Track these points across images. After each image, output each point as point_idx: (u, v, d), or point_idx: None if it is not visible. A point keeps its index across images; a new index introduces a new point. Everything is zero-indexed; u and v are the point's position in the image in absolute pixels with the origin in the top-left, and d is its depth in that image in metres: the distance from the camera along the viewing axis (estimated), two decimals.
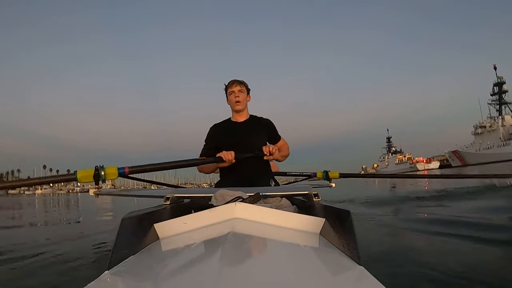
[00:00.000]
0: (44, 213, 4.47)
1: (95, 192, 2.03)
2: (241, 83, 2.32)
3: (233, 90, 2.28)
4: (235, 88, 2.28)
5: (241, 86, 2.31)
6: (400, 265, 1.20)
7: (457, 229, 1.79)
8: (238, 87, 2.29)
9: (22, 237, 2.55)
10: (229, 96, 2.31)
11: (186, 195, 1.37)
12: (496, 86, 58.35)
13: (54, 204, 7.78)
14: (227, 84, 2.36)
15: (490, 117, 59.47)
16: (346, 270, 0.60)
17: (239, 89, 2.28)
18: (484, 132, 58.10)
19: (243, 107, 2.31)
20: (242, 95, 2.28)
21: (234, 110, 2.33)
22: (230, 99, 2.32)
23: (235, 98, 2.26)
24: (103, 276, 0.59)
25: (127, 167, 1.67)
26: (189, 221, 0.86)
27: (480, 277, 1.02)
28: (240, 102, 2.27)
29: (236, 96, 2.26)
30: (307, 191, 1.30)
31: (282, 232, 0.84)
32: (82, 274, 1.17)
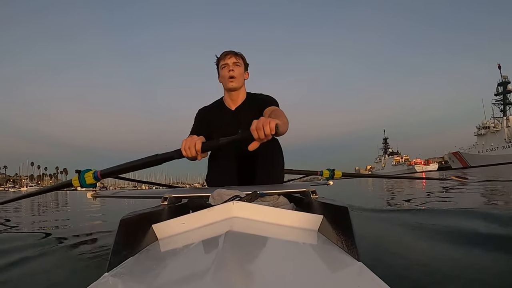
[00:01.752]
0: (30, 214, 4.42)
1: (92, 195, 2.04)
2: (237, 54, 1.91)
3: (226, 63, 1.87)
4: (229, 60, 1.87)
5: (237, 58, 1.89)
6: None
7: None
8: (233, 59, 1.88)
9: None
10: (221, 71, 1.90)
11: (184, 195, 1.38)
12: (500, 85, 58.45)
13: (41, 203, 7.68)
14: (219, 56, 1.93)
15: (494, 117, 59.48)
16: (345, 266, 0.61)
17: (235, 62, 1.87)
18: (487, 133, 58.05)
19: (239, 84, 1.88)
20: (238, 69, 1.87)
21: (227, 88, 1.91)
22: (222, 74, 1.90)
23: (229, 72, 1.85)
24: (102, 278, 0.60)
25: (99, 171, 1.64)
26: (187, 221, 0.88)
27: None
28: (234, 78, 1.85)
29: (230, 70, 1.85)
30: (304, 189, 1.32)
31: (280, 230, 0.85)
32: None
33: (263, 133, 1.19)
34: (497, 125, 57.48)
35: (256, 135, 1.20)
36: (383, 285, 0.48)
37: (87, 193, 2.02)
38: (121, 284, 0.60)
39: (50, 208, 5.46)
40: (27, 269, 1.27)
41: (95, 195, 2.06)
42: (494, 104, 59.39)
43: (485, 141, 58.13)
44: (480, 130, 59.99)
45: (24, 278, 1.14)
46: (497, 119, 58.73)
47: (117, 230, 0.76)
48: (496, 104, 59.19)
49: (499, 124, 57.46)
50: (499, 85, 58.63)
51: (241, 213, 0.88)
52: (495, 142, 55.90)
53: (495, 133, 56.58)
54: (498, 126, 56.97)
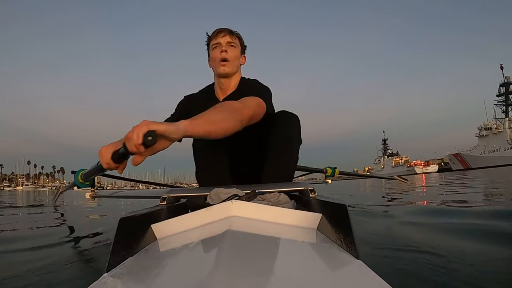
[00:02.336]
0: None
1: (91, 195, 2.04)
2: (233, 33, 1.60)
3: (218, 42, 1.55)
4: (223, 39, 1.55)
5: (232, 37, 1.58)
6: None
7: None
8: (228, 38, 1.56)
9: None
10: (212, 52, 1.57)
11: (182, 194, 1.37)
12: (502, 86, 58.49)
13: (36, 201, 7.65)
14: (211, 33, 1.60)
15: (496, 118, 59.47)
16: (344, 264, 0.62)
17: (229, 41, 1.56)
18: (489, 134, 58.18)
19: (232, 69, 1.57)
20: (232, 50, 1.56)
21: (218, 73, 1.58)
22: (212, 56, 1.58)
23: (221, 54, 1.54)
24: (102, 279, 0.60)
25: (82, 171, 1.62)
26: (186, 220, 0.88)
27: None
28: (228, 62, 1.54)
29: (222, 50, 1.54)
30: (303, 187, 1.32)
31: (279, 229, 0.86)
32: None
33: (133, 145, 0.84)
34: (499, 126, 57.49)
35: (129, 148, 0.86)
36: (383, 283, 0.49)
37: (86, 193, 2.02)
38: (121, 284, 0.60)
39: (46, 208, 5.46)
40: (25, 270, 1.27)
41: (93, 195, 2.06)
42: (496, 105, 59.41)
43: (487, 143, 58.12)
44: (482, 131, 60.00)
45: (21, 279, 1.14)
46: (499, 120, 58.71)
47: (116, 230, 0.76)
48: (498, 105, 59.20)
49: (501, 125, 57.45)
50: (501, 86, 58.60)
51: (240, 212, 0.88)
52: (497, 144, 55.90)
53: (497, 134, 56.62)
54: (500, 127, 57.02)
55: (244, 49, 1.66)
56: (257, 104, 1.34)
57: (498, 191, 4.53)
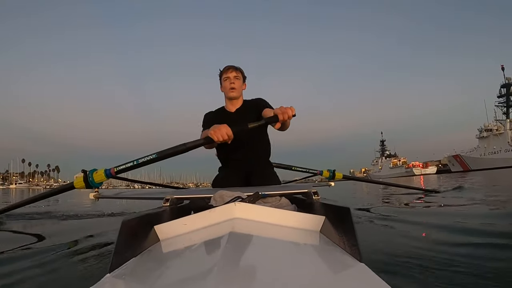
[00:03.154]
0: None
1: (94, 196, 2.05)
2: (237, 69, 2.30)
3: (228, 76, 2.26)
4: (231, 74, 2.26)
5: (237, 72, 2.28)
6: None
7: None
8: (234, 73, 2.27)
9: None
10: (224, 83, 2.29)
11: (186, 196, 1.39)
12: (503, 87, 57.74)
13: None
14: (222, 69, 2.32)
15: (497, 119, 59.20)
16: (347, 267, 0.63)
17: (235, 75, 2.26)
18: (490, 135, 57.56)
19: (238, 94, 2.28)
20: (237, 82, 2.26)
21: (228, 97, 2.30)
22: (224, 86, 2.29)
23: (230, 84, 2.24)
24: (104, 279, 0.62)
25: (112, 168, 1.68)
26: (189, 222, 0.90)
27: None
28: (235, 89, 2.24)
29: (231, 82, 2.24)
30: (306, 190, 1.34)
31: (282, 231, 0.87)
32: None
33: (287, 115, 1.63)
34: (500, 128, 56.96)
35: (282, 117, 1.63)
36: (386, 286, 0.50)
37: (89, 193, 2.03)
38: (123, 285, 0.62)
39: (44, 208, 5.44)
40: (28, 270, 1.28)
41: (97, 195, 2.07)
42: (497, 106, 59.08)
43: (487, 144, 57.65)
44: (482, 132, 59.48)
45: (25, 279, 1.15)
46: (500, 121, 58.50)
47: (119, 231, 0.78)
48: (499, 106, 58.75)
49: (502, 126, 57.01)
50: (502, 87, 58.09)
51: (243, 214, 0.90)
52: (497, 145, 55.51)
53: (498, 136, 56.14)
54: (501, 129, 56.41)
55: (244, 79, 2.36)
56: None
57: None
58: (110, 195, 2.20)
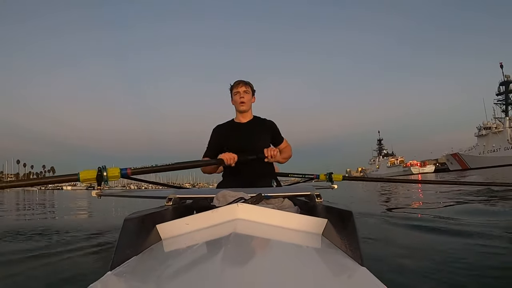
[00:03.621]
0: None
1: (97, 193, 2.06)
2: (247, 84, 2.44)
3: (238, 91, 2.39)
4: (241, 89, 2.39)
5: (246, 87, 2.42)
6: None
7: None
8: (244, 87, 2.40)
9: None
10: (234, 96, 2.42)
11: (188, 196, 1.39)
12: (502, 85, 57.37)
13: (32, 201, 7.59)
14: (233, 84, 2.47)
15: (495, 117, 58.74)
16: (348, 271, 0.64)
17: (245, 90, 2.40)
18: (489, 133, 57.23)
19: (248, 108, 2.42)
20: (247, 96, 2.40)
21: (239, 110, 2.44)
22: (235, 100, 2.43)
23: (240, 98, 2.38)
24: (105, 277, 0.62)
25: (129, 168, 1.73)
26: (191, 221, 0.90)
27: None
28: (245, 103, 2.38)
29: (241, 96, 2.38)
30: (309, 192, 1.35)
31: (284, 233, 0.88)
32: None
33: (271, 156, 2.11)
34: (499, 126, 56.68)
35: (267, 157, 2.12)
36: None
37: (92, 191, 2.04)
38: (124, 283, 0.63)
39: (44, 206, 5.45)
40: (31, 266, 1.29)
41: (100, 193, 2.08)
42: (496, 104, 58.64)
43: (486, 142, 57.34)
44: (481, 130, 59.14)
45: (28, 275, 1.17)
46: (499, 119, 58.25)
47: (121, 229, 0.78)
48: (498, 104, 58.23)
49: (501, 124, 56.70)
50: (501, 85, 57.75)
51: (245, 215, 0.90)
52: (497, 143, 55.22)
53: (497, 134, 55.85)
54: (500, 127, 56.18)
55: (253, 93, 2.48)
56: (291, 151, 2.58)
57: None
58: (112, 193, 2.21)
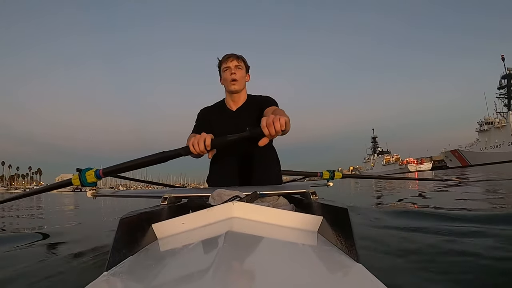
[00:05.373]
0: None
1: (92, 194, 2.09)
2: (239, 57, 2.04)
3: (228, 66, 1.99)
4: (231, 64, 1.99)
5: (238, 61, 2.02)
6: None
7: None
8: (235, 62, 2.00)
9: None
10: (223, 73, 2.02)
11: (184, 195, 1.41)
12: (504, 78, 56.93)
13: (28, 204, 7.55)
14: (221, 58, 2.05)
15: (497, 112, 58.10)
16: (344, 268, 0.65)
17: (236, 65, 2.00)
18: (491, 128, 56.79)
19: (240, 87, 2.01)
20: (239, 72, 2.00)
21: (229, 90, 2.03)
22: (224, 77, 2.02)
23: (231, 75, 1.98)
24: (101, 277, 0.63)
25: (101, 169, 1.68)
26: (187, 221, 0.92)
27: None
28: (236, 81, 1.98)
29: (232, 73, 1.98)
30: (304, 190, 1.36)
31: (279, 231, 0.89)
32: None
33: (273, 129, 1.26)
34: (501, 121, 56.25)
35: (267, 132, 1.27)
36: (382, 287, 0.51)
37: (87, 192, 2.06)
38: (120, 283, 0.63)
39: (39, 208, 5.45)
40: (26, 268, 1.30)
41: (95, 194, 2.11)
42: (498, 97, 57.84)
43: (488, 138, 56.95)
44: (483, 126, 58.65)
45: (22, 277, 1.17)
46: (501, 113, 57.83)
47: (117, 229, 0.79)
48: (500, 97, 57.56)
49: (503, 119, 56.35)
50: (502, 78, 57.30)
51: (240, 214, 0.92)
52: (500, 139, 54.70)
53: (500, 129, 55.36)
54: (503, 121, 55.76)
55: (248, 69, 2.08)
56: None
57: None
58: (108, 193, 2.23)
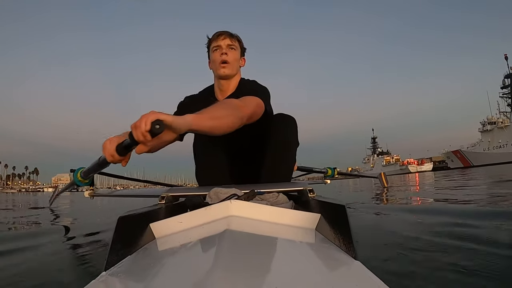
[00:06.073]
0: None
1: (90, 194, 2.11)
2: (233, 36, 1.68)
3: (219, 45, 1.64)
4: (223, 42, 1.63)
5: (232, 40, 1.66)
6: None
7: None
8: (228, 40, 1.65)
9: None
10: (212, 54, 1.66)
11: (181, 194, 1.42)
12: (507, 78, 56.54)
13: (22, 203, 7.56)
14: (211, 36, 1.68)
15: (500, 112, 57.72)
16: (342, 265, 0.65)
17: (229, 44, 1.64)
18: (494, 129, 56.39)
19: (232, 71, 1.65)
20: (232, 53, 1.64)
21: (217, 75, 1.66)
22: (213, 58, 1.66)
23: (221, 56, 1.62)
24: (100, 277, 0.63)
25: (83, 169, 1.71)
26: (185, 220, 0.92)
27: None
28: (228, 64, 1.62)
29: (222, 53, 1.62)
30: (302, 187, 1.36)
31: (277, 229, 0.90)
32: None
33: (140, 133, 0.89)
34: (505, 121, 55.89)
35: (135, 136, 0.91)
36: (381, 284, 0.52)
37: (85, 192, 2.09)
38: (119, 283, 0.64)
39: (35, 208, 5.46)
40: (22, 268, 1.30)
41: (92, 194, 2.13)
42: (501, 97, 57.43)
43: (491, 138, 56.48)
44: (486, 126, 58.19)
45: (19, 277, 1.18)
46: (505, 113, 57.49)
47: (115, 229, 0.80)
48: (504, 97, 57.12)
49: (507, 119, 55.95)
50: (506, 77, 56.89)
51: (238, 212, 0.92)
52: (503, 139, 54.17)
53: (504, 129, 54.95)
54: (507, 121, 55.38)
55: (243, 52, 1.74)
56: (256, 103, 1.42)
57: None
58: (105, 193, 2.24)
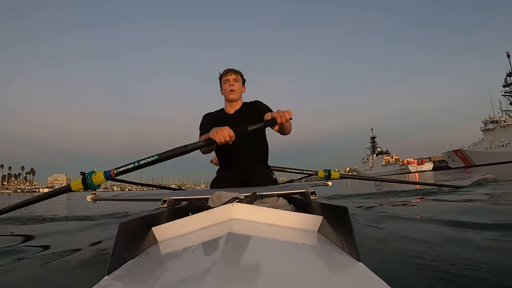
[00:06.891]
0: None
1: (92, 198, 2.11)
2: (237, 72, 2.45)
3: (228, 79, 2.41)
4: (230, 77, 2.41)
5: (236, 75, 2.43)
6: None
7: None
8: (233, 75, 2.42)
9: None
10: (223, 85, 2.44)
11: (183, 197, 1.42)
12: (509, 76, 55.85)
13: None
14: (222, 72, 2.48)
15: (502, 110, 56.96)
16: (345, 267, 0.66)
17: (234, 78, 2.41)
18: (496, 127, 55.81)
19: (237, 96, 2.42)
20: (237, 84, 2.41)
21: (228, 99, 2.44)
22: (224, 88, 2.44)
23: (230, 86, 2.38)
24: (102, 282, 0.64)
25: (113, 169, 1.73)
26: (187, 223, 0.93)
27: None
28: (234, 91, 2.38)
29: (231, 84, 2.39)
30: (304, 190, 1.38)
31: (280, 231, 0.90)
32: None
33: (284, 118, 1.76)
34: (507, 119, 55.36)
35: (279, 120, 1.76)
36: (384, 285, 0.52)
37: (87, 196, 2.08)
38: (122, 287, 0.64)
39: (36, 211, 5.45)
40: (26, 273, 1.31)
41: (95, 198, 2.13)
42: (504, 95, 56.58)
43: (493, 137, 55.87)
44: (488, 124, 57.65)
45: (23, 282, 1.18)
46: (507, 112, 56.66)
47: (117, 233, 0.80)
48: (506, 95, 56.55)
49: (509, 118, 55.37)
50: (508, 76, 56.28)
51: (240, 215, 0.93)
52: (505, 138, 53.55)
53: (506, 128, 54.37)
54: (509, 120, 54.88)
55: (244, 82, 2.49)
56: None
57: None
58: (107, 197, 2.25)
